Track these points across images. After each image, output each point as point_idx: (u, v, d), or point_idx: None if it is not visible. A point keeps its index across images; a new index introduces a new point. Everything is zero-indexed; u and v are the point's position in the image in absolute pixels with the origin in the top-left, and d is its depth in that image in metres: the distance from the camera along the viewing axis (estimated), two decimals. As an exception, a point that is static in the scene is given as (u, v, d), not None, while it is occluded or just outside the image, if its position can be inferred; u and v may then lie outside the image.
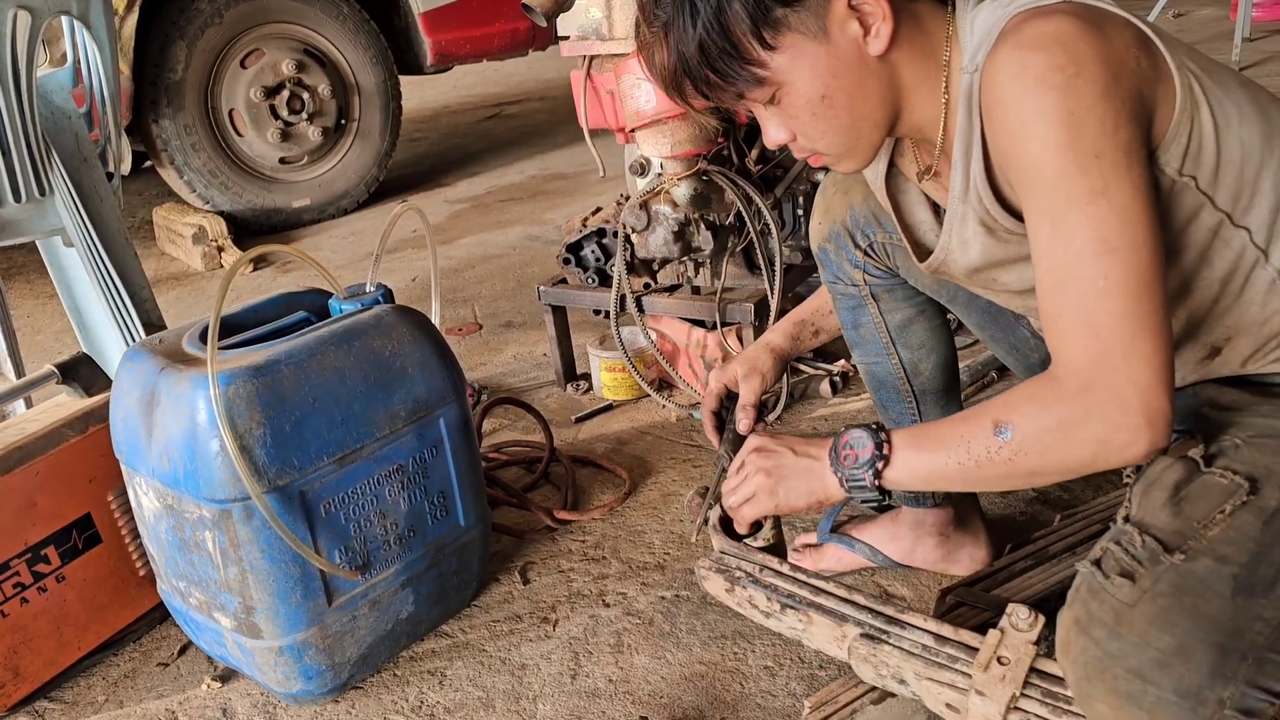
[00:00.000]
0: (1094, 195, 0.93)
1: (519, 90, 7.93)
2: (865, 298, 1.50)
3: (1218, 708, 0.92)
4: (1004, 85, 0.97)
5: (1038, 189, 0.97)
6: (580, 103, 2.21)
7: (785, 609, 1.24)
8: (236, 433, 1.34)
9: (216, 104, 4.27)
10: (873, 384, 1.59)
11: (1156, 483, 1.06)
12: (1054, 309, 0.98)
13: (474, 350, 2.87)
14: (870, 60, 1.06)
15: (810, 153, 1.14)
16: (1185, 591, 0.94)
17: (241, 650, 1.49)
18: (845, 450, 1.12)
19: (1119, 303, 0.93)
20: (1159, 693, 0.92)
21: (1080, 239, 0.94)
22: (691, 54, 1.05)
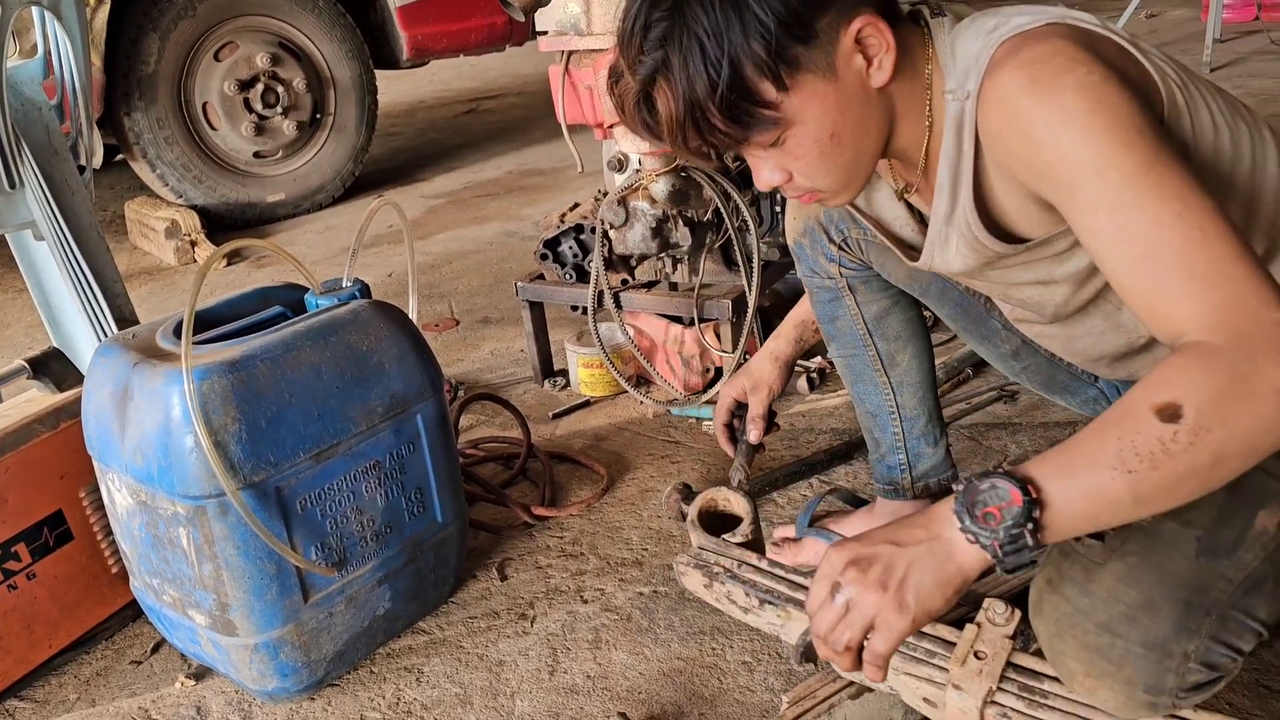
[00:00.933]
0: (1149, 164, 0.90)
1: (496, 86, 7.90)
2: (842, 290, 1.51)
3: (1183, 660, 0.98)
4: (1017, 101, 0.96)
5: (1083, 184, 0.93)
6: (558, 98, 2.20)
7: (764, 604, 1.25)
8: (211, 428, 1.33)
9: (190, 97, 4.22)
10: (850, 377, 1.60)
11: None
12: (1150, 284, 0.90)
13: (451, 346, 2.85)
14: (872, 92, 1.05)
15: (806, 191, 1.11)
16: (1152, 550, 0.99)
17: (216, 648, 1.48)
18: (980, 509, 0.88)
19: (1221, 247, 0.87)
20: (1127, 645, 0.98)
21: (1152, 207, 0.89)
22: (702, 100, 0.98)
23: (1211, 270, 0.86)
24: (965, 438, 2.06)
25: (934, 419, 1.59)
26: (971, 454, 1.99)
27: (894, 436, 1.58)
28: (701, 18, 0.95)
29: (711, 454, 2.11)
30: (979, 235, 1.12)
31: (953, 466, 1.62)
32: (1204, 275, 0.87)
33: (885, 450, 1.61)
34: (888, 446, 1.60)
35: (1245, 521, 0.99)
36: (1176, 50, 6.16)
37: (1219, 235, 0.87)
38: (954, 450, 1.99)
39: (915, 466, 1.60)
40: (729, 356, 2.19)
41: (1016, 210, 1.09)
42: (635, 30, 1.00)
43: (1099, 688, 1.01)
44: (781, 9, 0.96)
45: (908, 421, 1.58)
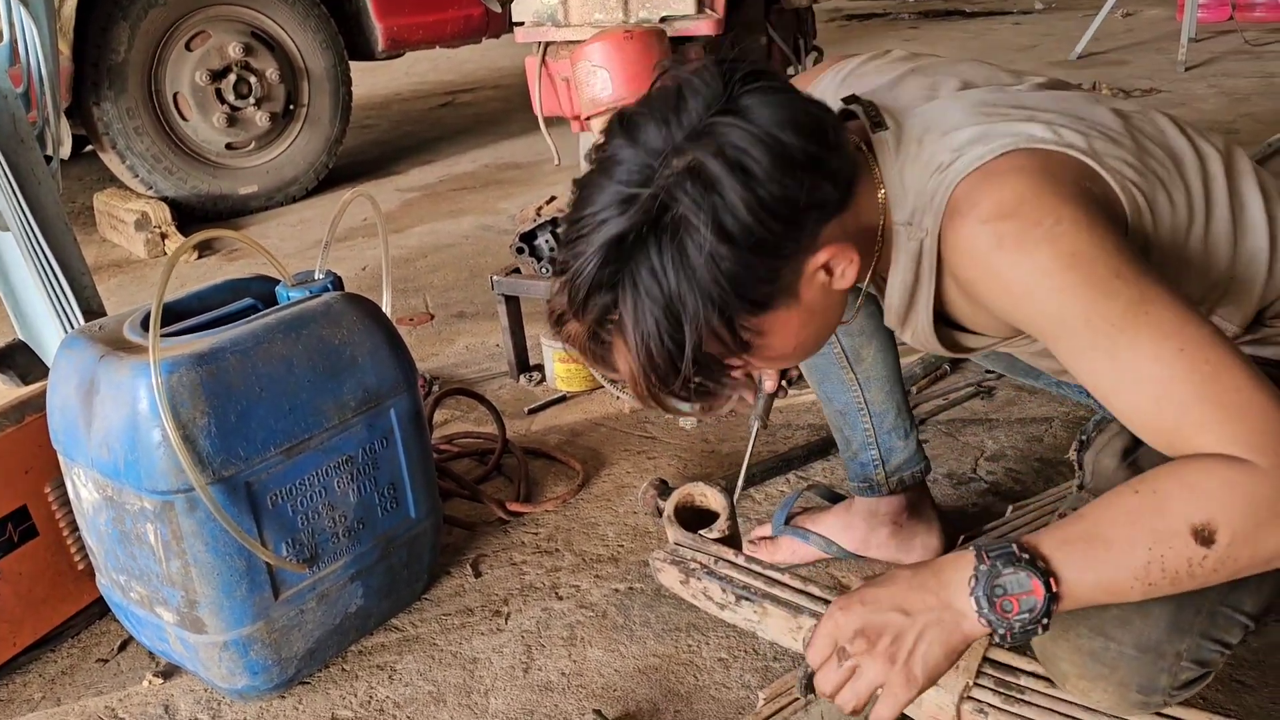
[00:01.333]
0: (1137, 308, 0.89)
1: (472, 78, 7.85)
2: None
3: (1175, 660, 0.99)
4: (988, 259, 0.95)
5: (1073, 334, 0.92)
6: (535, 90, 2.19)
7: (740, 600, 1.24)
8: (179, 422, 1.31)
9: (160, 87, 4.16)
10: (816, 377, 1.59)
11: (1105, 450, 1.11)
12: (1172, 422, 0.88)
13: (425, 340, 2.83)
14: (834, 294, 1.02)
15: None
16: None
17: (184, 645, 1.45)
18: (999, 596, 0.89)
19: (1232, 377, 0.86)
20: (1120, 648, 0.98)
21: (1150, 349, 0.88)
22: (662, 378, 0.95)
23: (1232, 400, 0.86)
24: (942, 433, 2.06)
25: (903, 412, 1.58)
26: (948, 449, 1.99)
27: (865, 433, 1.58)
28: (654, 289, 0.91)
29: (688, 450, 2.10)
30: (936, 349, 1.14)
31: (925, 459, 1.62)
32: (1225, 405, 0.86)
33: (857, 448, 1.60)
34: (859, 444, 1.59)
35: None
36: (1151, 49, 6.21)
37: (1227, 364, 0.87)
38: (931, 445, 2.00)
39: (888, 462, 1.59)
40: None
41: (985, 322, 1.10)
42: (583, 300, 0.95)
43: (1092, 689, 1.01)
44: (742, 275, 0.92)
45: (877, 417, 1.57)
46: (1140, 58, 5.96)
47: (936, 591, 0.92)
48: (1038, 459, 1.92)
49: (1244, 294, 1.09)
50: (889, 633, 0.93)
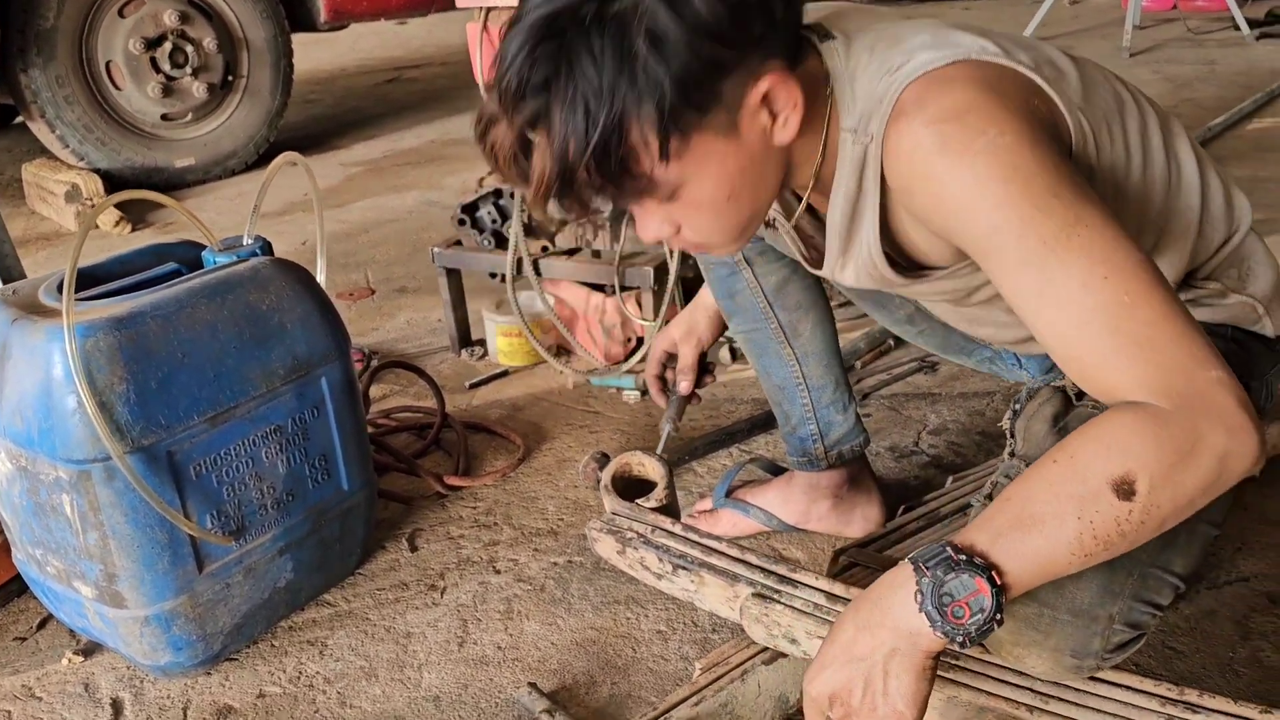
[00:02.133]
0: (1070, 228, 0.88)
1: (420, 54, 7.73)
2: (739, 264, 1.48)
3: (1108, 623, 0.99)
4: (928, 162, 0.93)
5: (1004, 249, 0.91)
6: (476, 57, 2.14)
7: (677, 570, 1.22)
8: (96, 389, 1.25)
9: (92, 55, 4.02)
10: (755, 352, 1.57)
11: (1036, 416, 1.12)
12: (1086, 350, 0.89)
13: (366, 315, 2.77)
14: (773, 148, 0.99)
15: (692, 245, 1.05)
16: None
17: (104, 621, 1.40)
18: (949, 605, 0.86)
19: (1151, 309, 0.86)
20: (1054, 614, 0.98)
21: (1079, 273, 0.87)
22: (578, 163, 0.89)
23: (1145, 335, 0.86)
24: (886, 408, 2.05)
25: (841, 386, 1.57)
26: (891, 423, 1.99)
27: (803, 408, 1.56)
28: (589, 70, 0.86)
29: (632, 424, 2.08)
30: (882, 270, 1.10)
31: (864, 432, 1.61)
32: (1138, 341, 0.86)
33: (796, 422, 1.58)
34: (798, 418, 1.58)
35: None
36: (1097, 36, 6.29)
37: (1149, 297, 0.86)
38: (874, 419, 2.00)
39: (827, 435, 1.58)
40: (650, 325, 2.15)
41: (926, 245, 1.08)
42: (516, 74, 0.89)
43: (1027, 655, 1.01)
44: (681, 71, 0.87)
45: (815, 391, 1.55)
46: (1086, 44, 6.02)
47: (883, 624, 0.90)
48: (979, 432, 1.92)
49: (1174, 249, 1.09)
50: (857, 686, 0.91)
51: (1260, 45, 5.59)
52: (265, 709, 1.40)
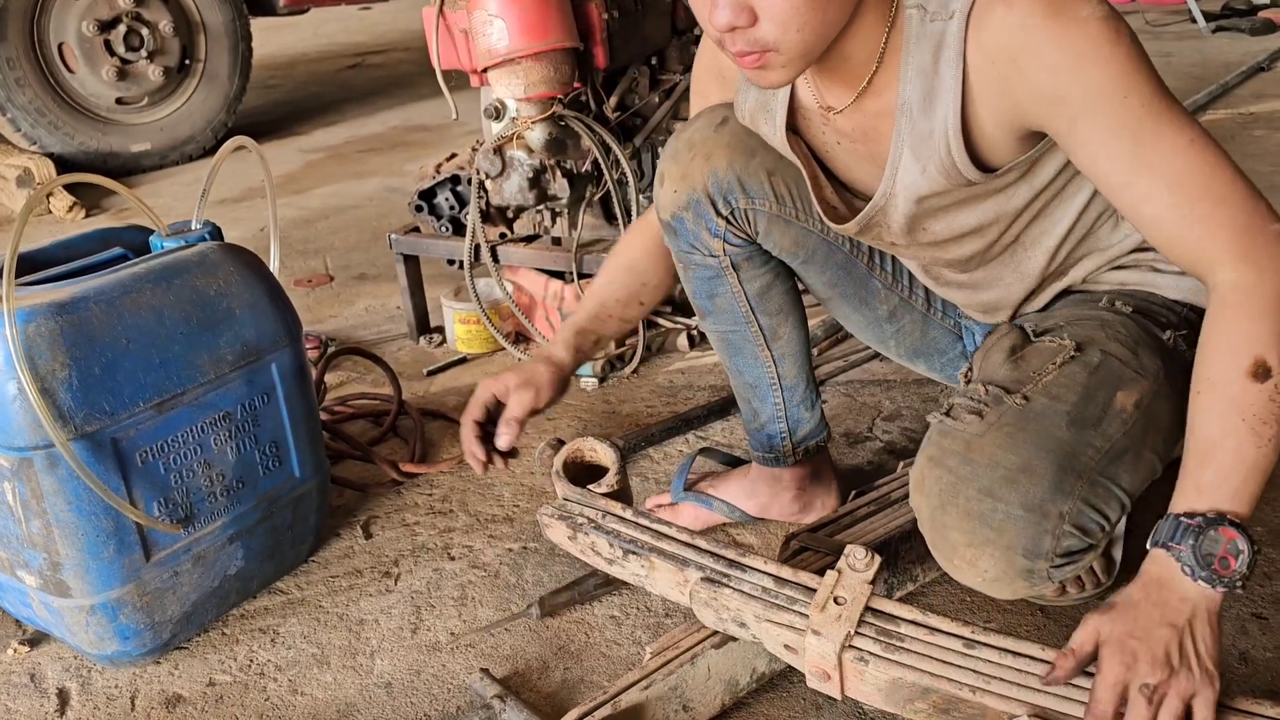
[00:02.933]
0: (1160, 97, 0.97)
1: (383, 40, 7.66)
2: (724, 269, 1.43)
3: (1059, 520, 1.03)
4: (1039, 26, 0.97)
5: (1105, 111, 0.97)
6: (432, 42, 2.12)
7: (628, 555, 1.22)
8: (37, 374, 1.23)
9: (44, 36, 3.95)
10: (728, 351, 1.54)
11: (994, 348, 1.19)
12: (1179, 215, 0.98)
13: (323, 302, 2.75)
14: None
15: (759, 47, 0.99)
16: (1027, 420, 1.06)
17: (49, 610, 1.38)
18: (1215, 563, 0.93)
19: (1228, 171, 0.97)
20: (1007, 509, 1.03)
21: (1169, 137, 0.96)
22: None
23: (1228, 193, 0.97)
24: (841, 394, 2.07)
25: (811, 384, 1.57)
26: (847, 410, 2.01)
27: (775, 406, 1.55)
28: None
29: (589, 410, 2.08)
30: (958, 160, 1.09)
31: (827, 426, 1.61)
32: (1226, 197, 0.96)
33: (765, 420, 1.57)
34: (768, 416, 1.56)
35: (1107, 399, 1.08)
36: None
37: (1223, 160, 0.97)
38: (830, 406, 2.01)
39: (795, 433, 1.57)
40: (608, 312, 2.15)
41: (994, 137, 1.08)
42: None
43: (980, 557, 1.04)
44: None
45: (788, 391, 1.54)
46: (1046, 35, 6.06)
47: (1173, 600, 0.95)
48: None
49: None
50: (1173, 647, 0.94)
51: (1215, 38, 5.67)
52: (215, 697, 1.39)
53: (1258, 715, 0.96)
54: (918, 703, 1.05)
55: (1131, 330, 1.16)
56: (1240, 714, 0.96)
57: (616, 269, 1.53)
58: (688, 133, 1.38)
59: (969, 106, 1.05)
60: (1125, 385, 1.09)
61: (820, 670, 1.09)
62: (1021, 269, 1.26)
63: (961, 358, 1.49)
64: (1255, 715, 0.96)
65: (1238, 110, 4.06)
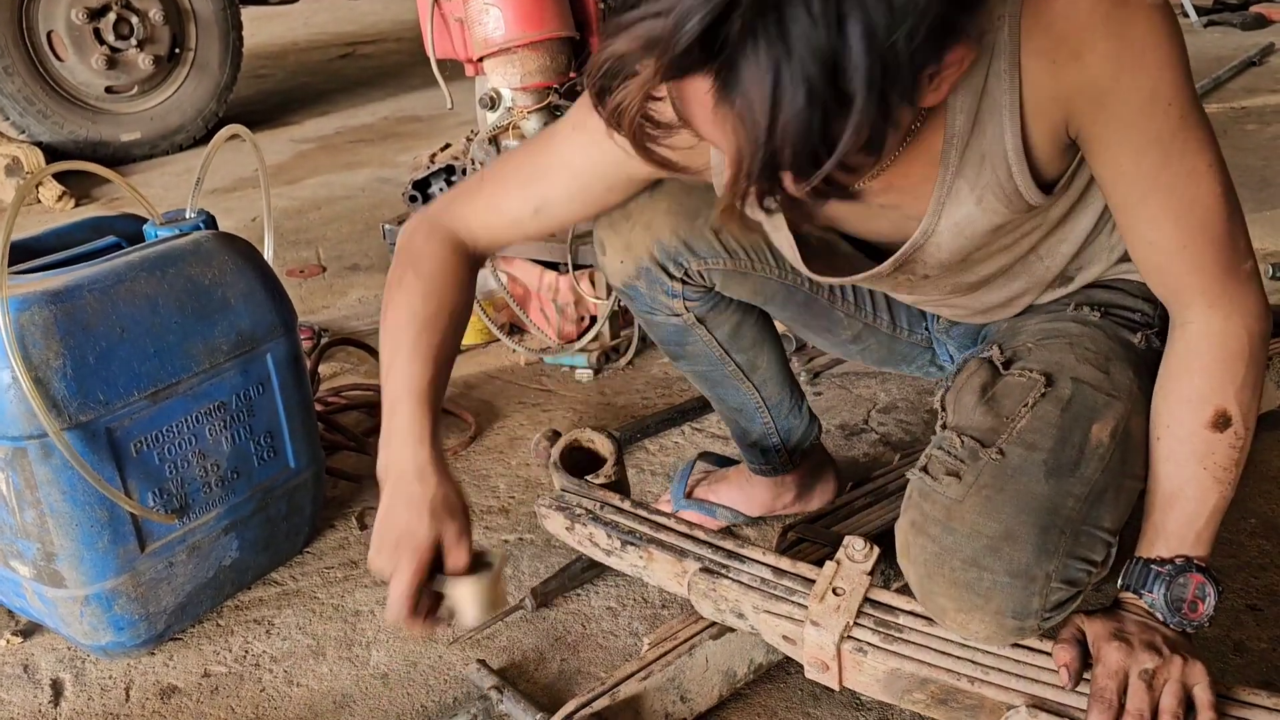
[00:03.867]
0: (1194, 107, 0.94)
1: (374, 30, 7.62)
2: (690, 324, 1.38)
3: (1045, 581, 1.00)
4: (1106, 15, 0.89)
5: (1150, 117, 0.92)
6: (427, 32, 2.11)
7: (626, 545, 1.22)
8: (31, 363, 1.22)
9: (33, 24, 3.92)
10: (707, 386, 1.50)
11: (965, 388, 1.12)
12: (1177, 240, 0.97)
13: (316, 293, 2.74)
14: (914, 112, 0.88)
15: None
16: (1005, 480, 1.01)
17: (43, 601, 1.37)
18: (1187, 608, 0.99)
19: (1229, 204, 0.97)
20: (994, 577, 1.00)
21: (1190, 157, 0.95)
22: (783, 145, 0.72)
23: (1220, 232, 0.97)
24: (837, 386, 2.07)
25: (794, 390, 1.54)
26: (842, 402, 2.01)
27: (764, 425, 1.53)
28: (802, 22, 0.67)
29: (584, 402, 2.08)
30: (1020, 183, 0.99)
31: (816, 420, 1.59)
32: (1216, 238, 0.97)
33: (757, 438, 1.55)
34: (759, 434, 1.54)
35: (1082, 437, 1.03)
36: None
37: (1227, 189, 0.97)
38: (826, 398, 2.01)
39: (789, 441, 1.55)
40: (603, 303, 2.15)
41: (1048, 152, 0.99)
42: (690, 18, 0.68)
43: (970, 621, 1.03)
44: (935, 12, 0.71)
45: (774, 408, 1.52)
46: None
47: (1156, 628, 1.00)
48: (928, 410, 1.94)
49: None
50: (1159, 641, 0.98)
51: (1208, 33, 5.68)
52: (210, 688, 1.38)
53: (1255, 704, 0.96)
54: (916, 693, 1.05)
55: (1100, 344, 1.12)
56: (1238, 703, 0.97)
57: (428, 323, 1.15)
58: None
59: (1027, 120, 0.95)
60: (1100, 415, 1.04)
61: (819, 661, 1.09)
62: (1035, 276, 1.19)
63: (931, 364, 1.46)
64: (1252, 704, 0.96)
65: (1230, 104, 4.07)
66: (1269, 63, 4.79)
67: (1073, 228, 1.13)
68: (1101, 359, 1.09)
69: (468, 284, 1.20)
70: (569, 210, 1.20)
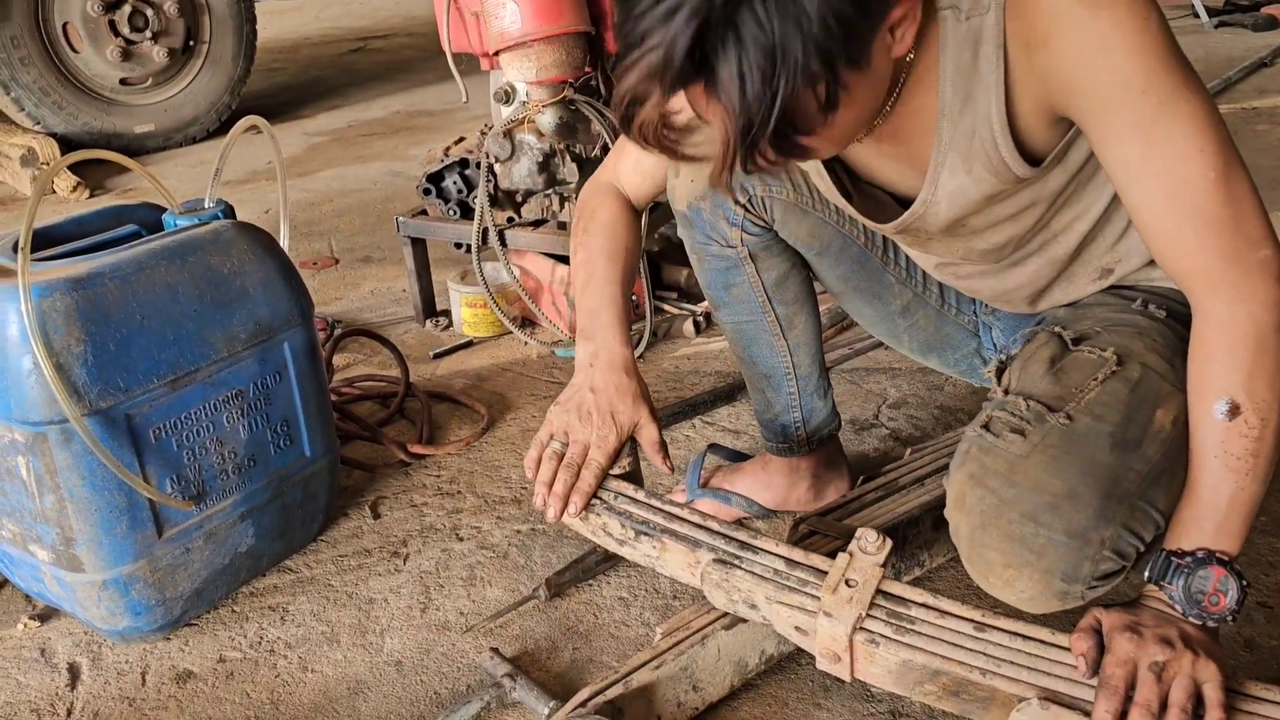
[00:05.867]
0: (1180, 91, 0.95)
1: (385, 25, 7.63)
2: (742, 258, 1.42)
3: (1099, 546, 1.02)
4: (1069, 8, 0.95)
5: (1123, 104, 0.95)
6: (443, 24, 2.12)
7: (640, 536, 1.22)
8: (52, 350, 1.24)
9: (49, 16, 3.94)
10: (743, 341, 1.52)
11: (1033, 358, 1.16)
12: (1170, 226, 0.99)
13: (329, 284, 2.75)
14: (887, 64, 0.96)
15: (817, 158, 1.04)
16: (1072, 443, 1.04)
17: (61, 585, 1.39)
18: (1207, 601, 0.98)
19: (1228, 188, 0.96)
20: (1050, 534, 1.02)
21: (1179, 141, 0.95)
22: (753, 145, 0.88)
23: (1218, 216, 0.96)
24: (847, 381, 2.07)
25: (824, 373, 1.57)
26: (853, 397, 2.01)
27: (789, 396, 1.55)
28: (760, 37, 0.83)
29: (595, 395, 2.08)
30: (1006, 156, 1.06)
31: (837, 415, 1.61)
32: (1214, 221, 0.96)
33: (779, 410, 1.56)
34: (782, 406, 1.56)
35: (1147, 419, 1.06)
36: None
37: (1229, 173, 0.96)
38: (836, 393, 2.01)
39: (809, 422, 1.57)
40: (615, 297, 2.15)
41: (1035, 128, 1.06)
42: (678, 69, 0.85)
43: (1018, 578, 1.04)
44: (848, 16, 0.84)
45: (802, 380, 1.54)
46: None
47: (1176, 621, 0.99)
48: (938, 406, 1.95)
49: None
50: (1175, 635, 0.97)
51: (1218, 34, 5.66)
52: (226, 673, 1.39)
53: (1266, 699, 0.97)
54: (928, 685, 1.06)
55: (1168, 338, 1.15)
56: (1249, 698, 0.97)
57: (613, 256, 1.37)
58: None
59: (1012, 99, 1.03)
60: (1164, 402, 1.08)
61: (830, 652, 1.10)
62: (1051, 254, 1.24)
63: (975, 355, 1.49)
64: (1264, 699, 0.97)
65: (1240, 105, 4.06)
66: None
67: (1082, 204, 1.17)
68: (1168, 352, 1.13)
69: (634, 225, 1.39)
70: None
